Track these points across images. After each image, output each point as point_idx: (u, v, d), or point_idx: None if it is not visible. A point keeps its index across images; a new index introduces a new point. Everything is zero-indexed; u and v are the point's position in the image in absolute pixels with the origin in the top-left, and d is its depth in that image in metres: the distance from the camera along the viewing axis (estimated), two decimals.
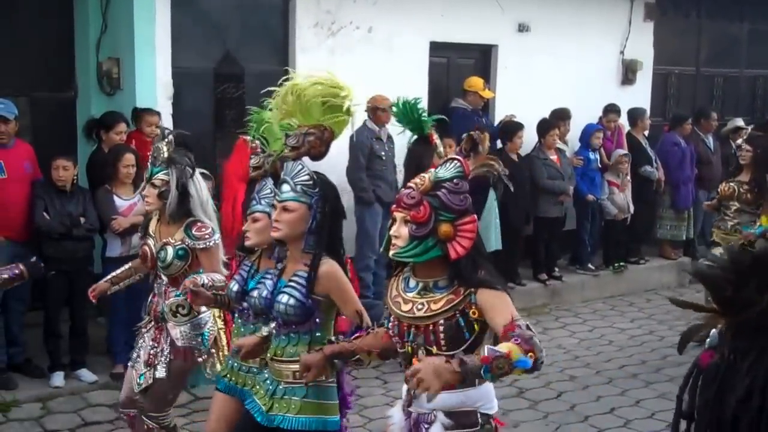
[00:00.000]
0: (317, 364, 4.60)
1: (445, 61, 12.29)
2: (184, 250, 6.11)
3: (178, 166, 6.10)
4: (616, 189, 12.67)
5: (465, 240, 4.11)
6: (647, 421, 8.36)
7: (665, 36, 14.58)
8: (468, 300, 4.11)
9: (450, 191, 4.12)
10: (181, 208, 6.12)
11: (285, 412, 4.95)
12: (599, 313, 11.97)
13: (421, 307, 4.20)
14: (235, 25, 10.53)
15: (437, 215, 4.10)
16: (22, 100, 9.41)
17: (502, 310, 4.02)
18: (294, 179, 4.91)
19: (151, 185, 6.15)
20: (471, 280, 4.13)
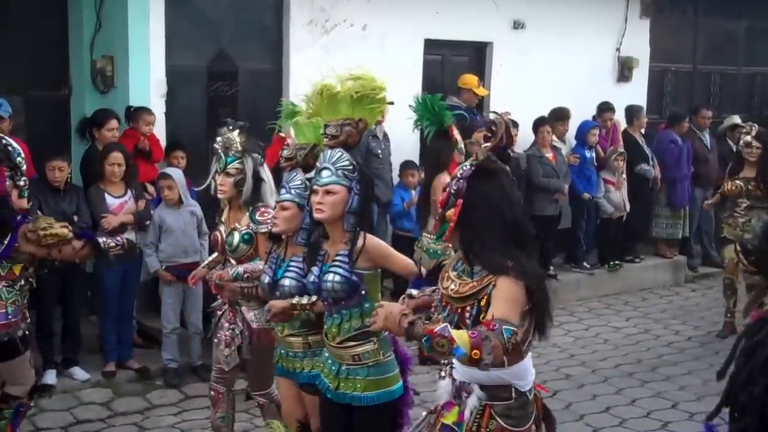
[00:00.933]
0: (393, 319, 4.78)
1: (439, 58, 12.26)
2: (249, 234, 6.47)
3: (252, 156, 6.50)
4: (612, 187, 12.64)
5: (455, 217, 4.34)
6: (642, 420, 8.35)
7: (662, 33, 14.55)
8: (486, 289, 4.26)
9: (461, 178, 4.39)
10: (255, 194, 6.50)
11: (352, 390, 5.31)
12: (594, 312, 11.95)
13: (454, 288, 4.42)
14: (228, 23, 10.50)
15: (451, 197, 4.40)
16: (16, 98, 9.40)
17: (499, 303, 4.14)
18: (335, 165, 5.20)
19: (226, 174, 6.51)
20: (498, 269, 4.24)
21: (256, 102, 10.75)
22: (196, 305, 9.12)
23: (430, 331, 3.86)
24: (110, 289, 8.88)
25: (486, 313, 4.19)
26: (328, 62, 10.72)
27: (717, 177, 13.73)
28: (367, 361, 5.31)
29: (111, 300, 8.86)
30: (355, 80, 5.51)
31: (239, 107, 10.57)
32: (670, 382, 9.33)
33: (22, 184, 6.43)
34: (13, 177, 6.39)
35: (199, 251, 9.08)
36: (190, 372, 9.13)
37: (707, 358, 10.02)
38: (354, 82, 5.50)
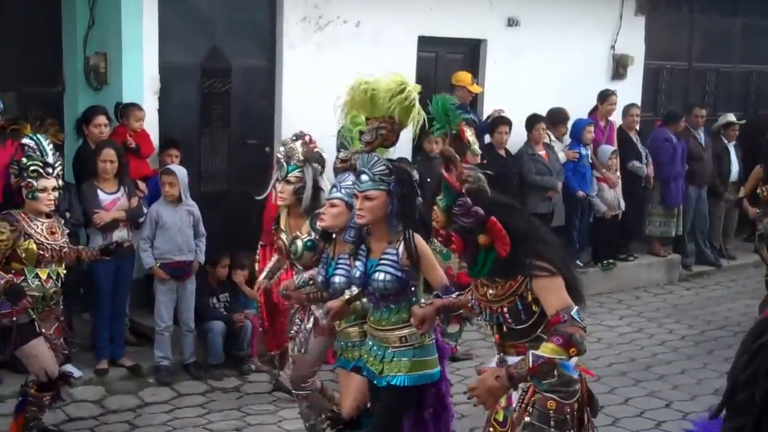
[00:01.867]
0: (430, 316, 5.28)
1: (433, 55, 12.23)
2: (312, 242, 6.73)
3: (313, 165, 6.80)
4: (605, 185, 12.62)
5: (502, 238, 4.43)
6: (636, 419, 8.35)
7: (657, 30, 14.53)
8: (525, 285, 4.53)
9: (461, 215, 4.50)
10: (314, 202, 6.73)
11: (396, 372, 5.60)
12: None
13: (493, 292, 4.64)
14: (222, 20, 10.47)
15: (469, 235, 4.50)
16: (9, 95, 9.35)
17: (549, 298, 4.45)
18: (372, 170, 5.42)
19: (286, 182, 6.82)
20: (523, 269, 4.51)
21: (250, 99, 10.73)
22: (189, 303, 9.12)
23: (531, 370, 4.22)
24: (103, 286, 8.86)
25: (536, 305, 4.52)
26: (321, 59, 10.78)
27: (711, 175, 13.79)
28: (414, 343, 5.59)
29: (103, 298, 8.84)
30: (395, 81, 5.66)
31: (232, 104, 10.56)
32: (664, 381, 9.32)
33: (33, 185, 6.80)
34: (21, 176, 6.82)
35: (194, 250, 9.07)
36: (182, 370, 9.12)
37: (701, 357, 10.02)
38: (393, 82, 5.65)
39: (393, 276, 5.46)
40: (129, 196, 8.87)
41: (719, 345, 10.52)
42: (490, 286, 4.68)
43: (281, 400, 8.63)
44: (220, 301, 9.49)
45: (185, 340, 9.14)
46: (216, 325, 9.23)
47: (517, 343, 4.70)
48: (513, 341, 4.73)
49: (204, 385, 8.92)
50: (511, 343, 4.74)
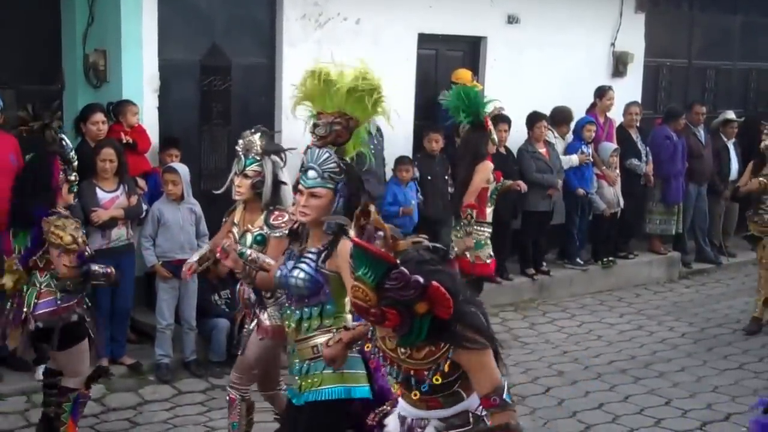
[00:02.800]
0: (340, 354, 4.96)
1: (433, 53, 12.23)
2: (261, 236, 6.51)
3: (272, 158, 6.52)
4: (605, 183, 12.62)
5: (444, 305, 3.85)
6: (636, 416, 8.34)
7: (657, 28, 14.53)
8: (446, 355, 4.07)
9: (395, 289, 3.82)
10: (274, 197, 6.51)
11: (311, 388, 5.23)
12: (588, 308, 11.93)
13: (405, 351, 4.15)
14: (221, 18, 10.46)
15: (405, 307, 3.86)
16: (8, 92, 9.34)
17: (480, 376, 4.06)
18: (321, 166, 5.12)
19: (244, 176, 6.53)
20: (449, 338, 4.03)
21: (250, 96, 10.73)
22: (191, 301, 9.11)
23: None
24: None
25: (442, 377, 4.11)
26: (321, 56, 10.70)
27: (711, 173, 13.79)
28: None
29: (104, 296, 8.82)
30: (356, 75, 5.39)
31: (232, 102, 10.54)
32: (664, 379, 9.32)
33: (72, 179, 6.82)
34: (66, 171, 6.78)
35: (195, 248, 9.04)
36: (183, 368, 9.11)
37: (701, 355, 10.02)
38: (353, 76, 5.38)
39: (308, 275, 5.10)
40: (128, 195, 8.85)
41: (719, 342, 10.52)
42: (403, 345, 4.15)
43: None
44: (221, 297, 9.48)
45: (186, 338, 9.14)
46: (220, 323, 9.22)
47: (429, 398, 4.27)
48: (426, 395, 4.26)
49: (204, 382, 8.90)
50: (422, 396, 4.28)
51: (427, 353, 4.10)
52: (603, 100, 12.80)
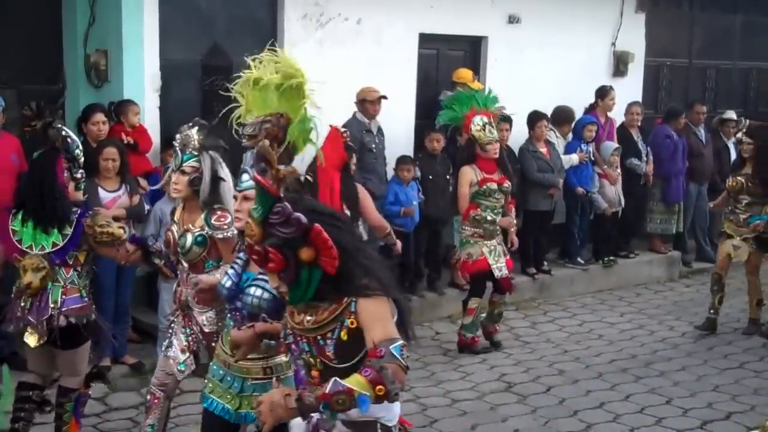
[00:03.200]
0: (248, 341, 4.64)
1: (434, 53, 12.23)
2: (202, 236, 6.20)
3: (211, 154, 6.20)
4: (606, 182, 12.63)
5: (328, 251, 3.82)
6: (637, 416, 8.35)
7: (657, 27, 14.55)
8: (348, 309, 3.92)
9: (279, 224, 3.81)
10: (213, 195, 6.16)
11: (250, 409, 5.06)
12: (588, 308, 11.95)
13: (311, 319, 4.01)
14: (223, 17, 10.46)
15: (290, 249, 3.83)
16: (9, 92, 9.34)
17: (373, 326, 3.85)
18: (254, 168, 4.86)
19: (181, 172, 6.22)
20: (348, 288, 3.92)
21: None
22: None
23: (323, 396, 3.62)
24: (106, 285, 8.84)
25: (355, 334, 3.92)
26: (322, 56, 10.78)
27: (711, 172, 13.79)
28: (279, 374, 5.16)
29: (106, 296, 8.82)
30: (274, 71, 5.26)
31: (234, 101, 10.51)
32: (665, 378, 9.33)
33: (78, 177, 6.74)
34: (71, 169, 6.74)
35: None
36: None
37: (701, 354, 10.02)
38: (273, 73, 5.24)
39: (271, 295, 4.81)
40: (130, 194, 8.85)
41: (719, 342, 10.53)
42: (308, 312, 4.03)
43: None
44: None
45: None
46: None
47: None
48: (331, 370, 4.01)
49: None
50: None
51: (329, 312, 3.95)
52: (605, 101, 12.79)
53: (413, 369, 9.33)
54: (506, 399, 8.70)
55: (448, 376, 9.28)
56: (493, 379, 9.24)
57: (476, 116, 9.51)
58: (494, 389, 8.94)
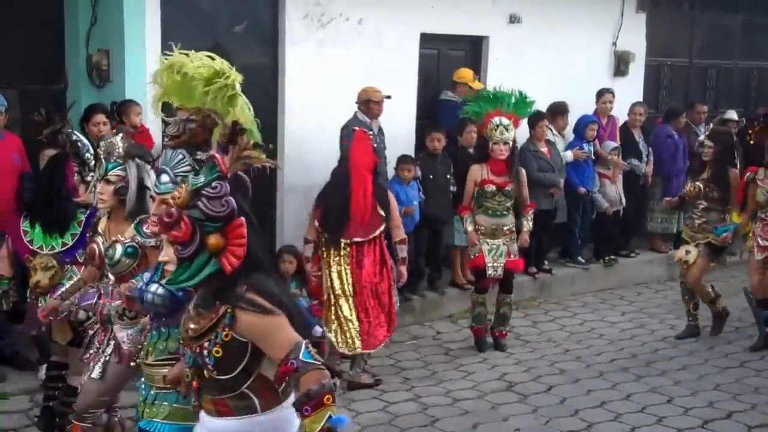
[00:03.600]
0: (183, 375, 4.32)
1: (435, 52, 12.23)
2: (133, 248, 5.78)
3: (136, 162, 5.84)
4: (607, 181, 12.64)
5: (237, 248, 3.72)
6: (638, 415, 8.35)
7: (658, 27, 14.55)
8: (223, 320, 3.75)
9: (210, 198, 3.73)
10: (140, 204, 5.80)
11: (153, 417, 4.91)
12: (589, 307, 11.96)
13: (193, 326, 3.87)
14: (224, 18, 10.47)
15: (202, 228, 3.73)
16: (11, 92, 9.36)
17: (269, 342, 3.71)
18: (174, 169, 4.69)
19: (106, 182, 5.87)
20: (226, 298, 3.76)
21: (252, 96, 10.63)
22: None
23: None
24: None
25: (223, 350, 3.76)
26: (323, 56, 10.80)
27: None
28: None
29: None
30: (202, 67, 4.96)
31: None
32: (666, 377, 9.34)
33: (89, 180, 6.68)
34: (81, 173, 6.67)
35: None
36: None
37: (702, 353, 10.02)
38: (201, 69, 4.95)
39: (166, 290, 4.63)
40: None
41: (720, 341, 10.53)
42: (194, 319, 3.88)
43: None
44: None
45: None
46: None
47: (216, 398, 3.91)
48: (212, 395, 3.92)
49: None
50: (211, 398, 3.93)
51: (208, 320, 3.80)
52: (599, 103, 12.82)
53: (414, 368, 9.39)
54: (507, 398, 8.71)
55: (449, 376, 9.29)
56: (494, 378, 9.25)
57: (497, 117, 9.60)
58: (495, 388, 8.94)
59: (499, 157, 9.66)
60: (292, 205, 10.73)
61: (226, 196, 3.73)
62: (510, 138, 9.70)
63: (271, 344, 3.71)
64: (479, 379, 9.19)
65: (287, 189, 10.76)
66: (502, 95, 9.85)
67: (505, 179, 9.73)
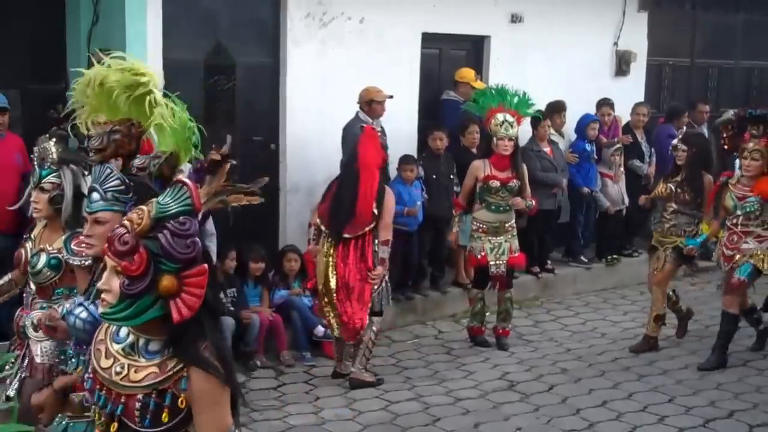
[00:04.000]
0: (48, 401, 4.00)
1: (437, 52, 12.23)
2: (57, 260, 5.51)
3: (71, 168, 5.50)
4: (609, 181, 12.65)
5: (192, 298, 3.21)
6: (639, 414, 8.35)
7: (659, 27, 14.55)
8: (176, 380, 3.29)
9: (174, 233, 3.22)
10: (76, 213, 5.36)
11: None
12: (591, 306, 11.96)
13: (120, 371, 3.36)
14: (226, 17, 10.48)
15: (157, 265, 3.20)
16: (12, 92, 9.38)
17: (208, 414, 3.30)
18: (103, 186, 4.27)
19: (40, 189, 5.51)
20: (186, 354, 3.28)
21: (254, 96, 10.74)
22: None
23: None
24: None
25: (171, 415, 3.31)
26: (325, 55, 10.81)
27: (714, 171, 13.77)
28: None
29: None
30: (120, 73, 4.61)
31: (237, 101, 10.56)
32: (667, 376, 9.33)
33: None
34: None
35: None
36: None
37: (704, 353, 9.99)
38: (119, 76, 4.59)
39: (91, 316, 4.21)
40: None
41: None
42: (120, 361, 3.38)
43: (287, 395, 8.69)
44: (227, 296, 9.47)
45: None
46: (225, 321, 9.21)
47: None
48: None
49: None
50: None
51: (148, 375, 3.32)
52: (598, 114, 12.81)
53: (416, 368, 9.39)
54: (509, 397, 8.71)
55: (451, 375, 9.29)
56: (496, 377, 9.25)
57: (500, 113, 9.61)
58: (497, 388, 8.94)
59: (503, 152, 9.68)
60: (294, 204, 10.74)
61: (194, 237, 3.24)
62: (515, 134, 9.73)
63: (207, 418, 3.30)
64: (481, 379, 9.19)
65: (289, 189, 10.76)
66: (506, 92, 9.86)
67: (508, 175, 9.75)
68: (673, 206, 9.94)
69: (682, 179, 9.91)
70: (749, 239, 9.33)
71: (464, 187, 10.02)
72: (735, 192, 9.45)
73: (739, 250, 9.36)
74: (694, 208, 9.90)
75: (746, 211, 9.31)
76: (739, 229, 9.39)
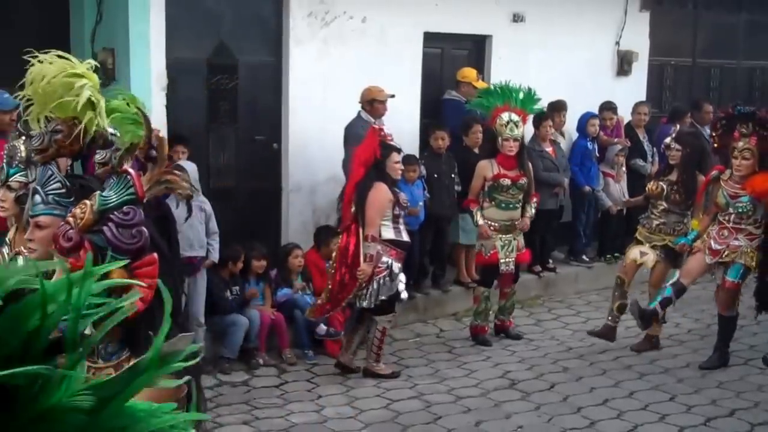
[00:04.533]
0: None
1: (438, 51, 12.25)
2: None
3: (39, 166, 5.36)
4: (611, 180, 12.67)
5: (144, 290, 3.04)
6: (640, 412, 8.38)
7: (661, 26, 14.55)
8: None
9: (119, 225, 3.15)
10: None
11: None
12: (593, 305, 11.97)
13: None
14: (228, 16, 10.50)
15: (104, 259, 3.08)
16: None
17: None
18: (45, 188, 4.18)
19: (7, 188, 5.26)
20: (139, 351, 2.99)
21: (257, 95, 10.77)
22: (199, 298, 9.12)
23: None
24: None
25: None
26: (327, 54, 10.83)
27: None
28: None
29: None
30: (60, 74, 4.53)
31: (239, 100, 10.59)
32: (668, 375, 9.36)
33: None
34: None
35: (204, 246, 9.08)
36: None
37: (706, 351, 10.01)
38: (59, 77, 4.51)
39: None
40: None
41: None
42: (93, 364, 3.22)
43: (289, 393, 8.72)
44: (232, 294, 9.50)
45: (195, 335, 9.15)
46: (240, 320, 9.24)
47: None
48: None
49: (213, 379, 8.95)
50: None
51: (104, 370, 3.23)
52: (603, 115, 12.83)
53: (418, 366, 9.40)
54: (510, 396, 8.74)
55: (452, 373, 9.32)
56: (497, 376, 9.27)
57: (506, 112, 9.62)
58: (498, 386, 8.97)
59: (508, 153, 9.72)
60: (297, 204, 10.77)
61: (139, 226, 3.17)
62: (520, 134, 9.77)
63: None
64: (482, 377, 9.22)
65: (292, 188, 10.78)
66: (511, 90, 9.88)
67: (516, 173, 9.81)
68: (664, 205, 9.92)
69: (676, 179, 9.87)
70: (740, 236, 9.32)
71: (473, 187, 10.06)
72: (727, 189, 9.37)
73: (728, 246, 9.34)
74: (685, 208, 9.91)
75: (738, 212, 9.30)
76: (731, 226, 9.37)
